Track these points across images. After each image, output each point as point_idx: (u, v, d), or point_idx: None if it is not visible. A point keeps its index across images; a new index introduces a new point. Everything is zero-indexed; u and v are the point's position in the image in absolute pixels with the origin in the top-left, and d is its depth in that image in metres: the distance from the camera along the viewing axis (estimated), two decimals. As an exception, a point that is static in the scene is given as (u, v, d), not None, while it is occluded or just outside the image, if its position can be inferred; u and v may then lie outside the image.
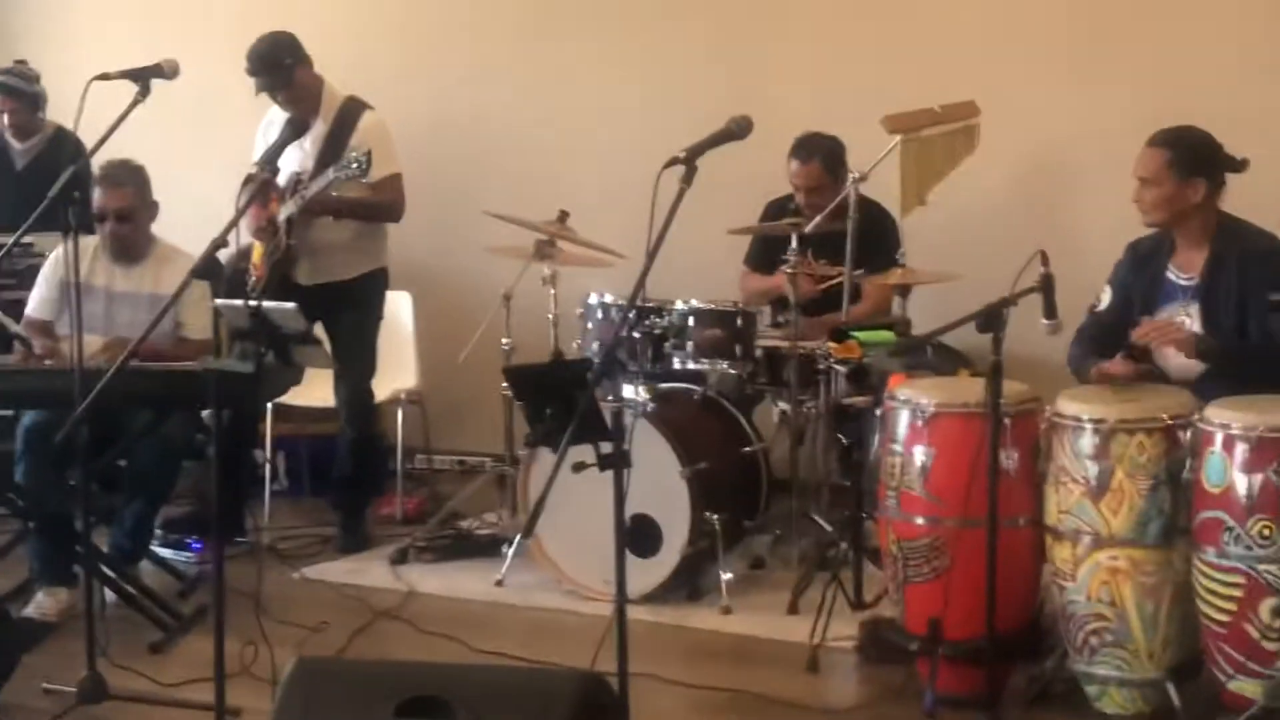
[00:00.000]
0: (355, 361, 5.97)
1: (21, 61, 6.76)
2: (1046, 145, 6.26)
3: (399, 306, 6.63)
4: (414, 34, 7.33)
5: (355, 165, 5.49)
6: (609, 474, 3.58)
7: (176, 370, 4.81)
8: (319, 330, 5.44)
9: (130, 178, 5.45)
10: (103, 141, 4.30)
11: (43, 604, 5.10)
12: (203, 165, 7.13)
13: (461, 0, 7.31)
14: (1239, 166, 4.60)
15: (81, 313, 4.29)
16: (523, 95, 7.12)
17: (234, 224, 3.95)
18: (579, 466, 3.57)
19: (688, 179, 3.57)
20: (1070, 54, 6.18)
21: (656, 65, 6.90)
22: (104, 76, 4.28)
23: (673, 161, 3.56)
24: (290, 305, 3.81)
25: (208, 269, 4.27)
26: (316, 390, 6.09)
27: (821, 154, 5.91)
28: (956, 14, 6.36)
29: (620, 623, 3.61)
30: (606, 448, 3.56)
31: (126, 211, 5.44)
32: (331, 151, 5.80)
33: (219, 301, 3.95)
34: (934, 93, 5.72)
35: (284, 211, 5.81)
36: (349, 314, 5.96)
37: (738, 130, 3.65)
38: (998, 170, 6.14)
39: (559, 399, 3.56)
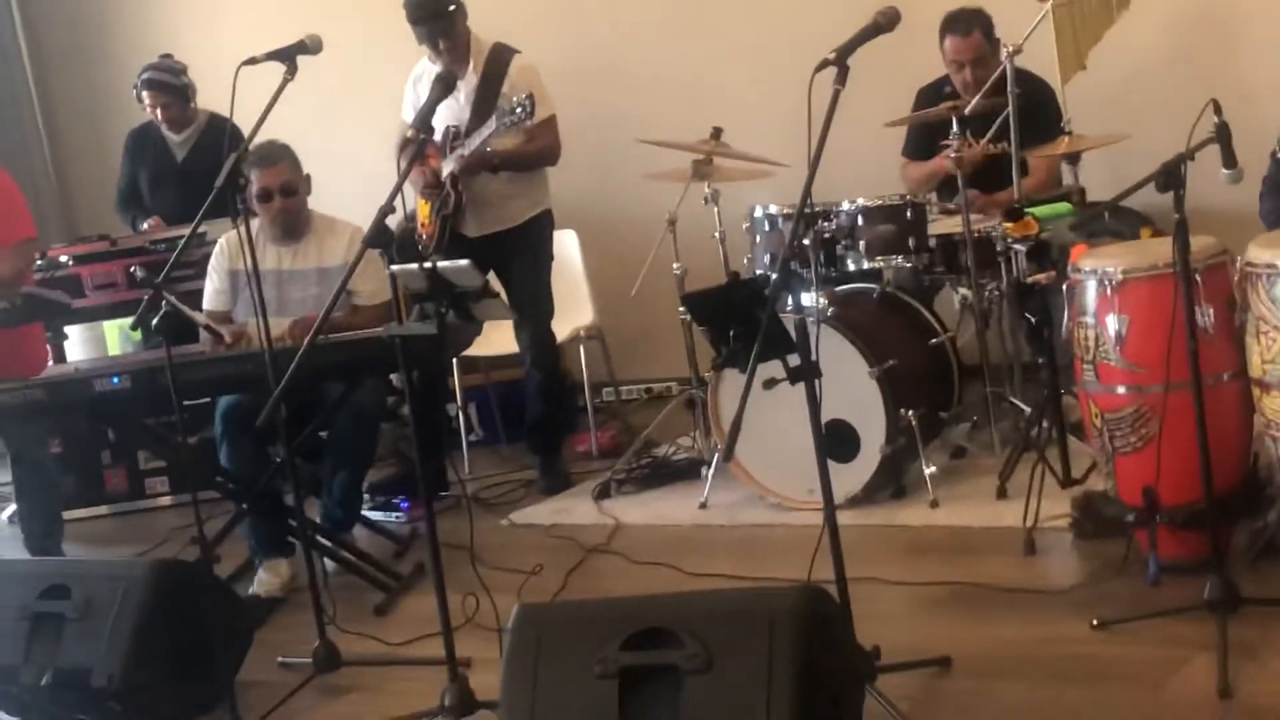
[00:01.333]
0: (533, 306, 6.00)
1: (167, 55, 6.87)
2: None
3: (567, 245, 6.66)
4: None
5: (519, 110, 5.49)
6: (800, 385, 3.57)
7: (362, 339, 4.89)
8: (493, 280, 5.48)
9: (283, 154, 5.53)
10: (260, 123, 4.34)
11: (265, 580, 5.25)
12: (353, 132, 7.21)
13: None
14: None
15: (261, 294, 4.37)
16: (660, 15, 7.06)
17: (398, 188, 3.98)
18: (770, 383, 3.57)
19: (841, 80, 3.53)
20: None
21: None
22: (251, 61, 4.33)
23: (824, 64, 3.51)
24: (464, 262, 3.83)
25: (375, 235, 4.31)
26: (498, 338, 6.16)
27: (980, 24, 5.78)
28: None
29: (832, 531, 3.61)
30: (794, 360, 3.55)
31: (290, 186, 5.52)
32: (485, 101, 5.80)
33: (395, 268, 3.97)
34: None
35: (446, 167, 5.85)
36: (521, 260, 5.99)
37: (885, 23, 3.59)
38: (1156, 25, 5.95)
39: (741, 318, 3.55)
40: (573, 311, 6.58)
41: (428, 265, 3.80)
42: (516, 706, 3.47)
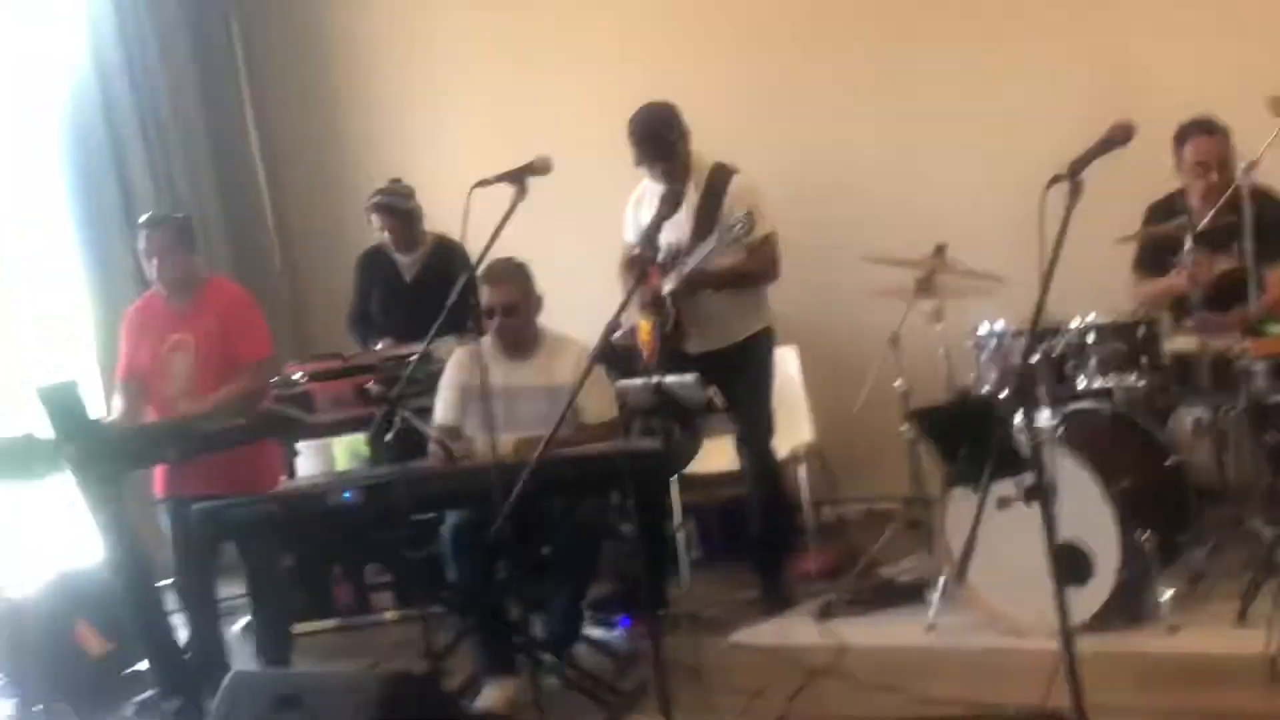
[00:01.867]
0: (755, 423, 6.00)
1: (396, 180, 7.06)
2: None
3: (787, 362, 6.66)
4: (764, 92, 7.40)
5: (739, 227, 5.55)
6: (1027, 507, 3.50)
7: (587, 455, 4.92)
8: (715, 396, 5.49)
9: (513, 274, 5.61)
10: (491, 243, 4.43)
11: (492, 696, 5.27)
12: (574, 251, 7.32)
13: (802, 49, 7.33)
14: None
15: (491, 411, 4.42)
16: (882, 131, 7.11)
17: (624, 306, 4.03)
18: (1004, 502, 3.51)
19: (1074, 194, 3.48)
20: None
21: (1016, 76, 6.79)
22: (484, 182, 4.42)
23: (1056, 179, 3.47)
24: (690, 377, 3.86)
25: (601, 352, 4.37)
26: (719, 456, 6.16)
27: (1221, 128, 5.70)
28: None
29: (1069, 657, 3.51)
30: (1027, 479, 3.48)
31: (511, 306, 5.60)
32: (705, 219, 5.87)
33: (621, 382, 4.01)
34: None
35: (667, 285, 5.90)
36: (742, 377, 5.98)
37: (1121, 136, 3.54)
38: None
39: (972, 435, 3.50)
40: (792, 428, 6.56)
41: (655, 380, 3.83)
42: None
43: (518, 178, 4.45)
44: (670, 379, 3.85)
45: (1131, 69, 6.41)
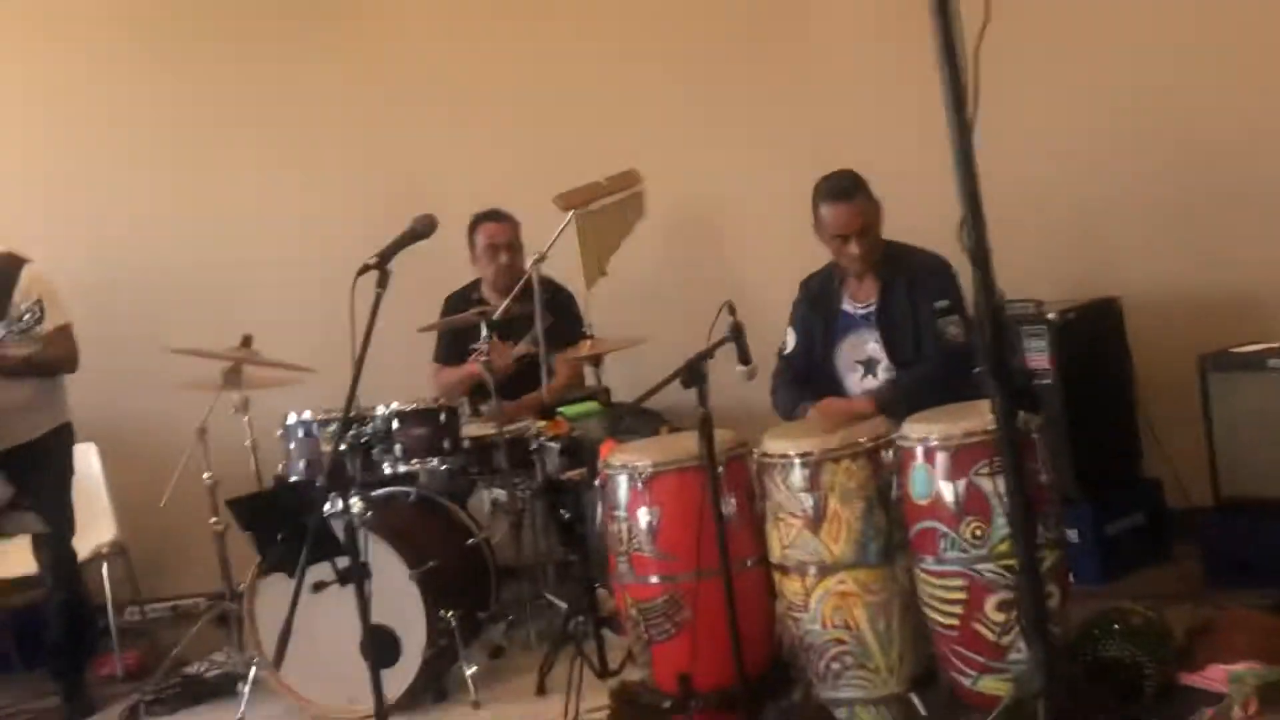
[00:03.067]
0: (55, 523, 5.74)
1: None
2: (705, 202, 6.49)
3: (86, 458, 6.41)
4: (64, 177, 7.15)
5: (29, 316, 5.32)
6: (337, 592, 3.57)
7: None
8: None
9: None
10: None
11: None
12: None
13: (107, 137, 7.16)
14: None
15: None
16: (187, 224, 7.03)
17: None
18: (319, 586, 3.56)
19: (382, 283, 3.61)
20: (724, 118, 6.39)
21: (318, 171, 6.92)
22: None
23: (365, 269, 3.60)
24: (-3, 474, 3.67)
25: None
26: (14, 559, 5.86)
27: (509, 216, 6.10)
28: (610, 85, 6.53)
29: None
30: (342, 563, 3.56)
31: None
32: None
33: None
34: (597, 164, 5.91)
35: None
36: (40, 475, 5.74)
37: (423, 229, 3.71)
38: (661, 233, 6.31)
39: (286, 522, 3.54)
40: (93, 527, 6.31)
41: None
42: None
43: None
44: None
45: (424, 171, 6.68)
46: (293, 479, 5.44)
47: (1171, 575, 5.37)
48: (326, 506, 3.59)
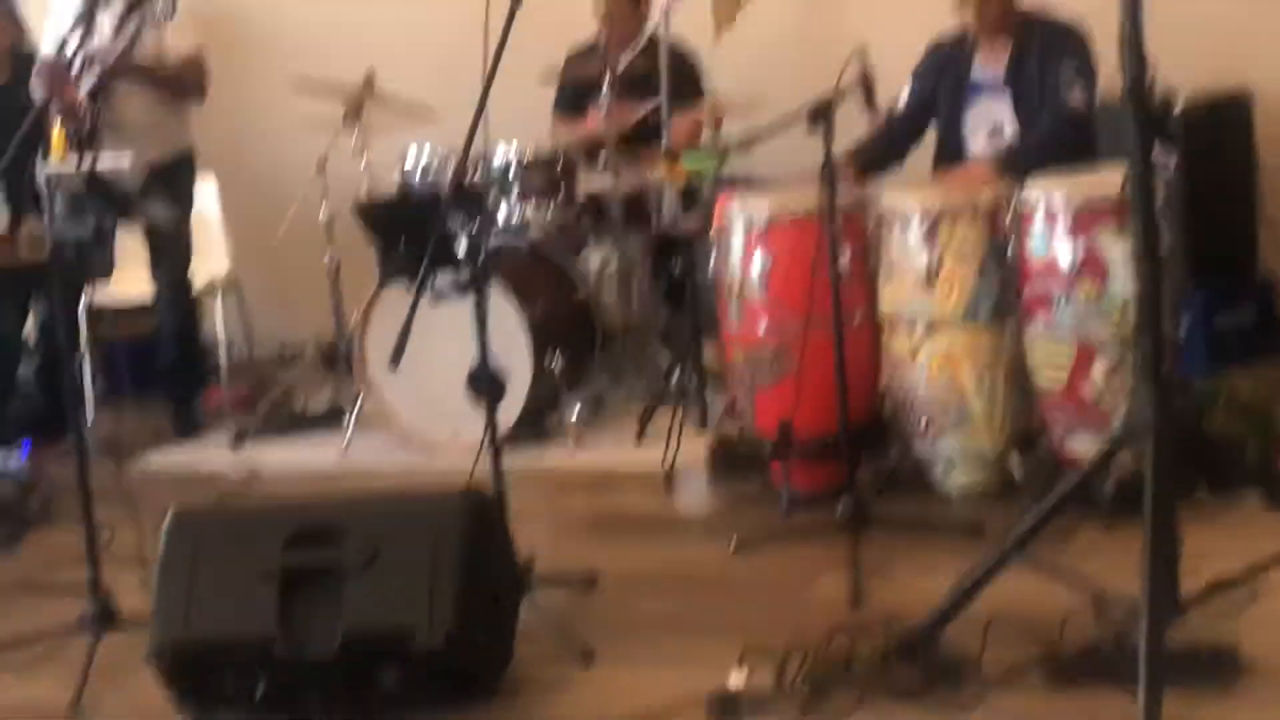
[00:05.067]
0: (171, 251, 5.86)
1: None
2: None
3: (204, 190, 6.48)
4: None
5: (163, 4, 5.31)
6: (446, 326, 3.59)
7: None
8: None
9: None
10: None
11: None
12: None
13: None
14: None
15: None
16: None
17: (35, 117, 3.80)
18: (439, 295, 3.61)
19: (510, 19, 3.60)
20: None
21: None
22: None
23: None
24: (125, 154, 3.69)
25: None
26: (129, 284, 5.99)
27: None
28: None
29: (493, 444, 3.68)
30: (464, 274, 3.60)
31: None
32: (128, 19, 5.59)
33: (50, 169, 3.76)
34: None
35: (84, 87, 5.59)
36: (162, 198, 5.82)
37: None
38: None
39: (412, 229, 3.58)
40: (208, 259, 6.42)
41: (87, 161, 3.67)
42: (170, 613, 3.40)
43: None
44: (104, 162, 3.68)
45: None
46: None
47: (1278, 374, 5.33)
48: (453, 221, 3.59)
